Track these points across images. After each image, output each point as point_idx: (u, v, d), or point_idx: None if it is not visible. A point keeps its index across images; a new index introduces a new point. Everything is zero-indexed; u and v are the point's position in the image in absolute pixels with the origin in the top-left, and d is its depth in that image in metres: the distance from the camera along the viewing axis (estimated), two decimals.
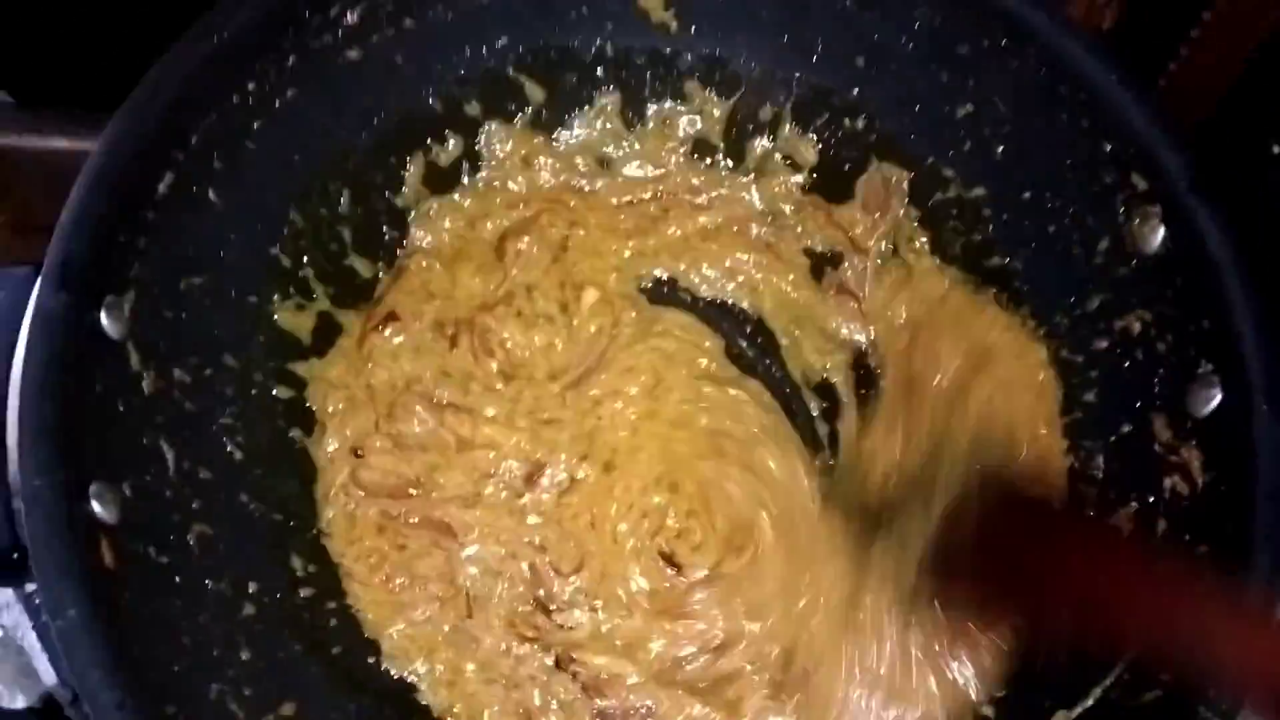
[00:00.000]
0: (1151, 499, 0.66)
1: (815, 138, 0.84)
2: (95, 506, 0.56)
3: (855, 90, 0.81)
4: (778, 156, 0.84)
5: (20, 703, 0.74)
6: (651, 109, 0.85)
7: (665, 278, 0.84)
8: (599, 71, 0.83)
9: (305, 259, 0.75)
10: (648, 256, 0.83)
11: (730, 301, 0.84)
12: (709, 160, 0.85)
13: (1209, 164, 0.66)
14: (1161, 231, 0.67)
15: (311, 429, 0.74)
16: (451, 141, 0.81)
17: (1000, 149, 0.76)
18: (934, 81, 0.77)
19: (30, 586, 0.74)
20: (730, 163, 0.85)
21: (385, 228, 0.80)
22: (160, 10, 0.70)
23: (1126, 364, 0.70)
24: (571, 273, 0.81)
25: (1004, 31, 0.72)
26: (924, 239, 0.82)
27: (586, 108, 0.84)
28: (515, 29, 0.80)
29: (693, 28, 0.82)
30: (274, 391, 0.73)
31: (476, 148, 0.82)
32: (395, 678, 0.70)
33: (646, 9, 0.80)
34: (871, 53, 0.79)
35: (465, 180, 0.82)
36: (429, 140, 0.81)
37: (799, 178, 0.84)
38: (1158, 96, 0.70)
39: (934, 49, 0.76)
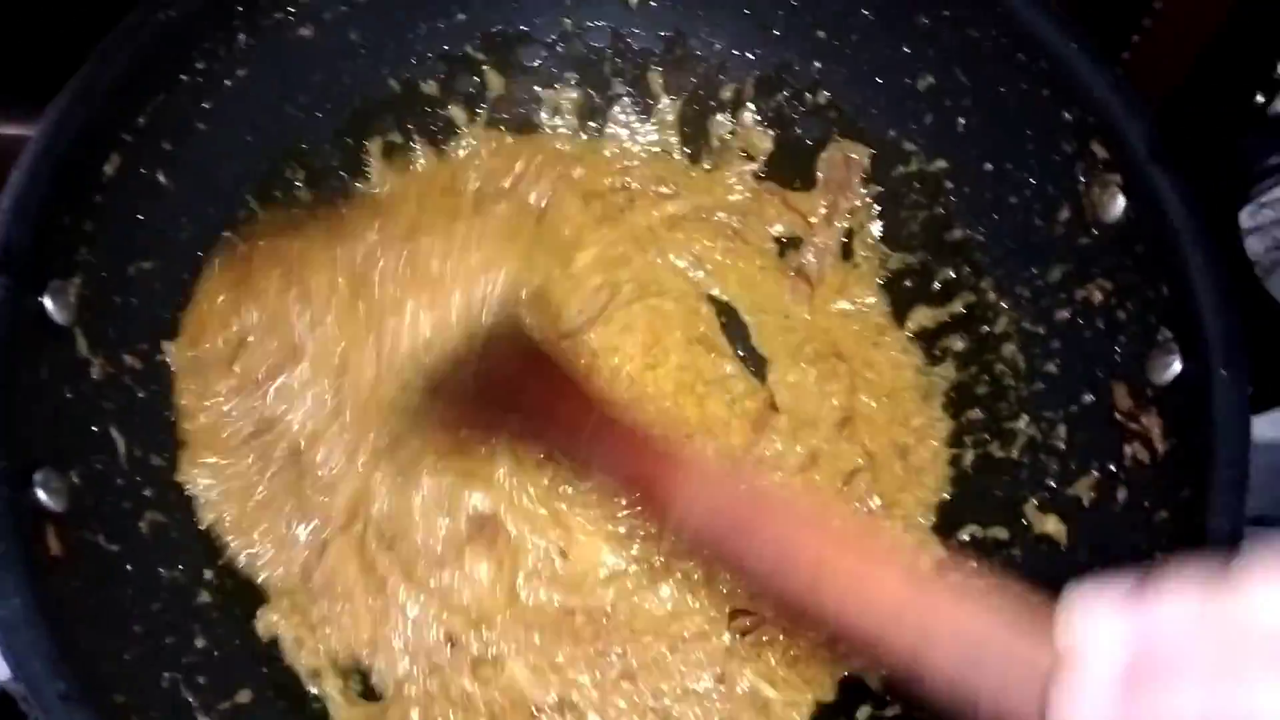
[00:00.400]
0: (1113, 467, 0.65)
1: (774, 118, 0.83)
2: (40, 494, 0.55)
3: (816, 64, 0.80)
4: (735, 145, 0.84)
5: None
6: (614, 96, 0.84)
7: None
8: (558, 50, 0.82)
9: None
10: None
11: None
12: (671, 150, 0.85)
13: (1169, 133, 0.65)
14: (1121, 200, 0.67)
15: None
16: (410, 123, 0.80)
17: (961, 121, 0.76)
18: (895, 53, 0.76)
19: None
20: (689, 151, 0.84)
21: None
22: None
23: (1088, 333, 0.69)
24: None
25: (963, 2, 0.71)
26: (878, 228, 0.81)
27: (550, 92, 0.83)
28: (473, 5, 0.79)
29: (651, 2, 0.81)
30: None
31: (435, 129, 0.81)
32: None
33: None
34: (832, 25, 0.78)
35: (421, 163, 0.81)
36: (387, 121, 0.80)
37: (752, 166, 0.84)
38: (1118, 65, 0.69)
39: (894, 20, 0.75)
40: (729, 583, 0.69)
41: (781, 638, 0.69)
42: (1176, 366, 0.62)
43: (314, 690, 0.67)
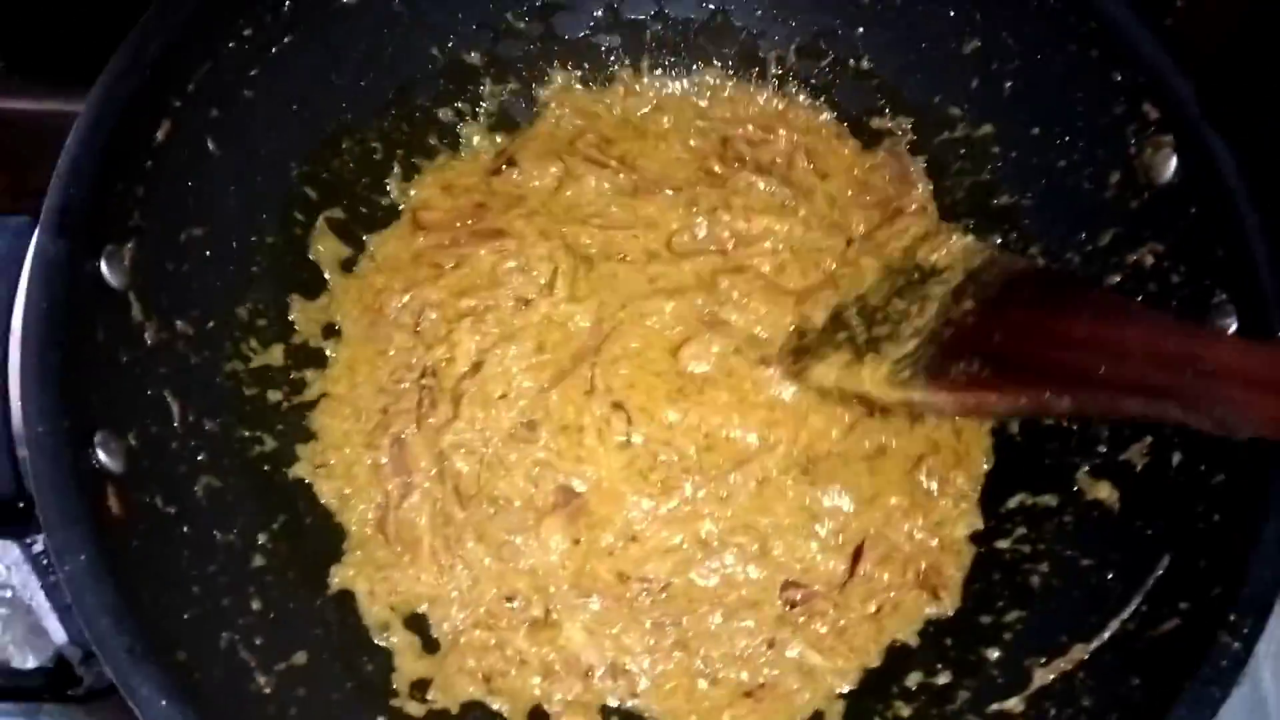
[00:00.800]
0: (1167, 431, 0.64)
1: (815, 86, 0.83)
2: (100, 455, 0.55)
3: (859, 29, 0.80)
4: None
5: (31, 662, 0.74)
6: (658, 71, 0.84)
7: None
8: (599, 14, 0.82)
9: (312, 210, 0.75)
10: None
11: None
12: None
13: (1219, 91, 0.65)
14: (1174, 161, 0.66)
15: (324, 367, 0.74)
16: (453, 91, 0.80)
17: (1008, 85, 0.75)
18: (940, 17, 0.76)
19: (38, 547, 0.74)
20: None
21: (389, 182, 0.79)
22: None
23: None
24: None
25: None
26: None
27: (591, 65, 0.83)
28: None
29: None
30: (287, 337, 0.72)
31: (480, 97, 0.81)
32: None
33: None
34: None
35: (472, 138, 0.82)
36: (430, 89, 0.80)
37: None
38: (1170, 25, 0.69)
39: None
40: (777, 557, 0.70)
41: (832, 610, 0.69)
42: (1233, 328, 0.62)
43: (382, 643, 0.68)
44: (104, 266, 0.59)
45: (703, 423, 0.71)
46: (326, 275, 0.75)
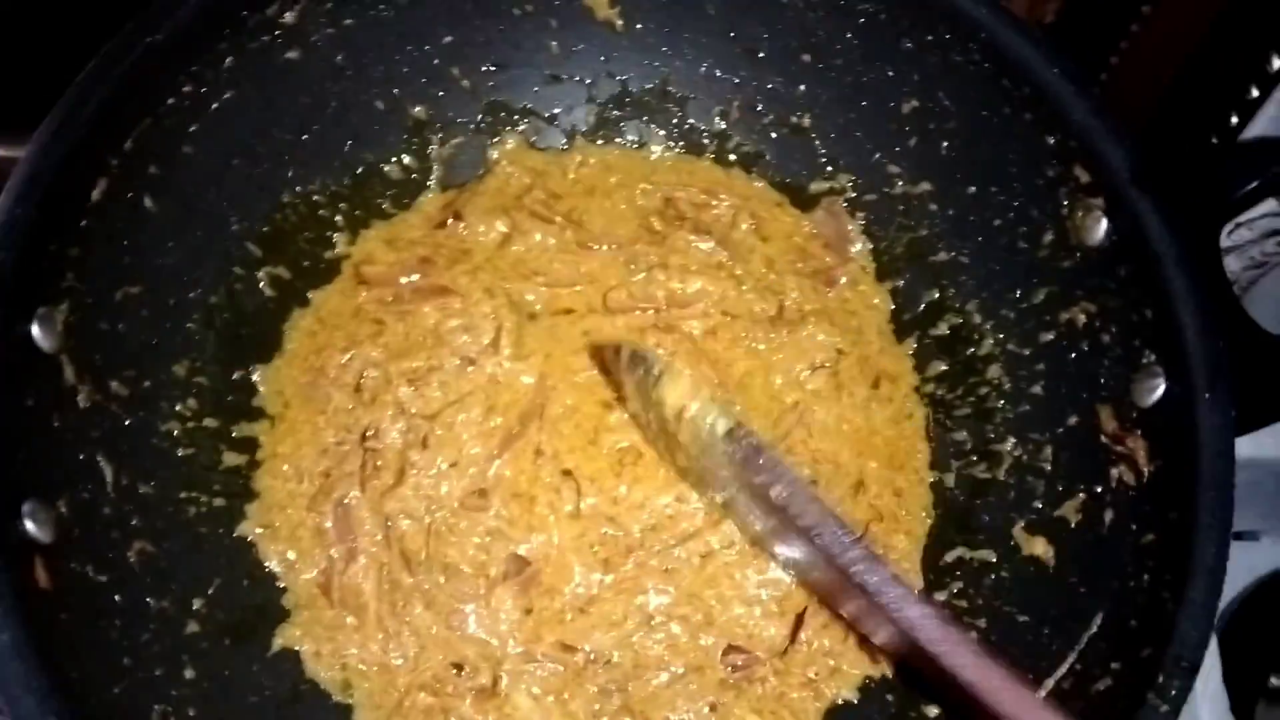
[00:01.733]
0: (1099, 489, 0.66)
1: (758, 140, 0.84)
2: (29, 525, 0.54)
3: (800, 87, 0.81)
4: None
5: None
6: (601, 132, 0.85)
7: None
8: (547, 79, 0.82)
9: (253, 265, 0.74)
10: None
11: None
12: None
13: (1150, 156, 0.67)
14: (1104, 224, 0.68)
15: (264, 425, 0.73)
16: (398, 145, 0.80)
17: (945, 144, 0.77)
18: (879, 77, 0.77)
19: None
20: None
21: (334, 236, 0.79)
22: (95, 16, 0.68)
23: (1072, 355, 0.70)
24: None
25: (948, 25, 0.72)
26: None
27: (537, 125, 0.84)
28: (459, 26, 0.79)
29: (637, 25, 0.81)
30: (227, 398, 0.71)
31: (428, 153, 0.81)
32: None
33: (591, 6, 0.80)
34: (816, 49, 0.79)
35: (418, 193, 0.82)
36: (375, 144, 0.79)
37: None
38: (1100, 90, 0.70)
39: (879, 44, 0.76)
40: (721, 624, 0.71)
41: (773, 676, 0.69)
42: (1161, 389, 0.63)
43: (344, 700, 0.68)
44: (35, 330, 0.58)
45: (646, 500, 0.72)
46: (267, 333, 0.75)
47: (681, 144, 0.85)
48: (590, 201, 0.81)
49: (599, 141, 0.85)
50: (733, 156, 0.84)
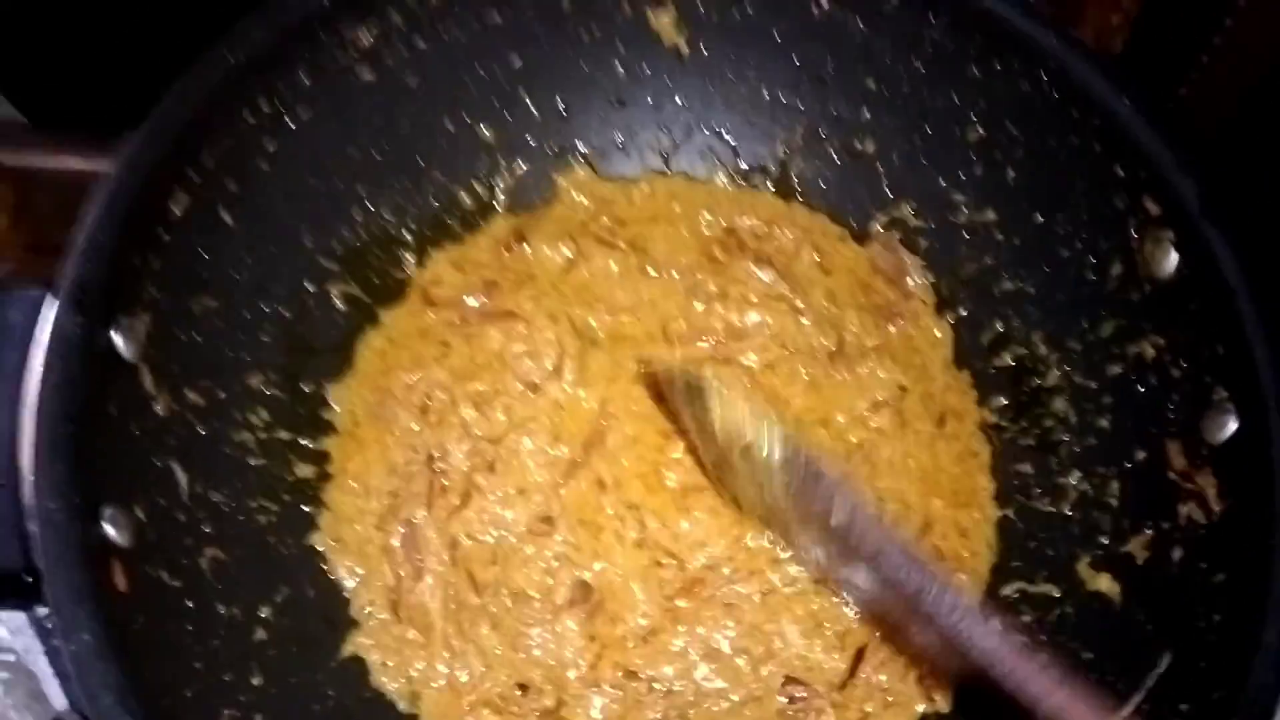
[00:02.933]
0: (1167, 526, 0.65)
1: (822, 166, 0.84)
2: (108, 529, 0.56)
3: (865, 113, 0.81)
4: None
5: None
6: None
7: None
8: (613, 102, 0.83)
9: (325, 283, 0.76)
10: None
11: None
12: None
13: (1221, 187, 0.66)
14: (1174, 256, 0.67)
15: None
16: (467, 168, 0.81)
17: (1011, 173, 0.76)
18: (945, 104, 0.77)
19: (42, 610, 0.74)
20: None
21: (405, 255, 0.80)
22: (175, 30, 0.70)
23: (1141, 389, 0.69)
24: None
25: (1015, 53, 0.72)
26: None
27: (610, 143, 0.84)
28: (527, 50, 0.80)
29: (703, 51, 0.82)
30: (299, 411, 0.73)
31: (496, 176, 0.82)
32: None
33: (658, 31, 0.81)
34: (881, 75, 0.79)
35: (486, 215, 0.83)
36: (445, 166, 0.81)
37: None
38: (1169, 120, 0.70)
39: (944, 71, 0.76)
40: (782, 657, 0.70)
41: (830, 708, 0.69)
42: (1232, 426, 0.62)
43: (408, 709, 0.68)
44: (117, 339, 0.60)
45: (708, 538, 0.72)
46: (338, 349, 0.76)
47: (745, 168, 0.85)
48: (654, 229, 0.82)
49: (663, 167, 0.85)
50: (795, 181, 0.84)
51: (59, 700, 0.72)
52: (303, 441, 0.73)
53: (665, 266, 0.79)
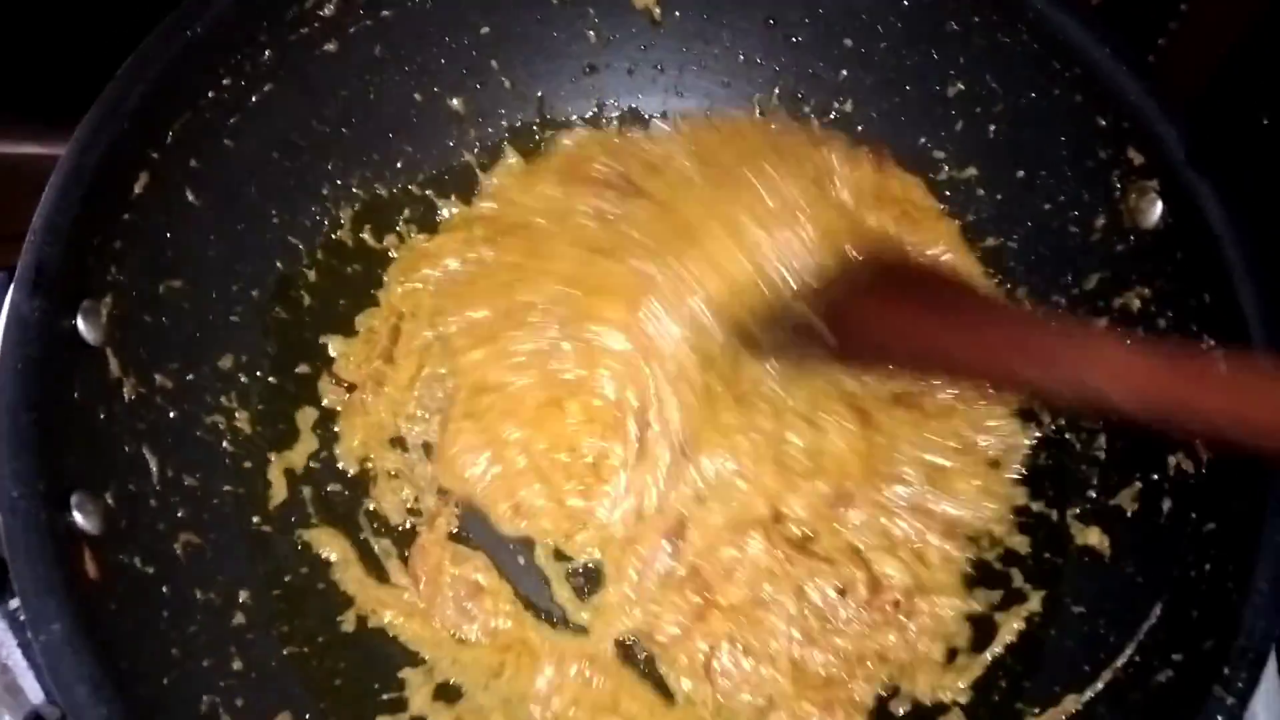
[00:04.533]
0: (1156, 477, 0.65)
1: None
2: (77, 517, 0.54)
3: (843, 72, 0.80)
4: None
5: None
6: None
7: None
8: (584, 69, 0.82)
9: (294, 256, 0.74)
10: None
11: None
12: None
13: (1204, 136, 0.65)
14: (1159, 206, 0.66)
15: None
16: (437, 139, 0.80)
17: (992, 128, 0.75)
18: (924, 60, 0.76)
19: (14, 602, 0.72)
20: None
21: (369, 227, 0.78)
22: (127, 9, 0.68)
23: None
24: None
25: (995, 6, 0.71)
26: None
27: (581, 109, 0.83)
28: (495, 16, 0.78)
29: (675, 12, 0.80)
30: (274, 392, 0.72)
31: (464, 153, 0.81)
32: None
33: None
34: (858, 33, 0.77)
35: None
36: (414, 138, 0.79)
37: None
38: (1151, 70, 0.69)
39: (923, 26, 0.75)
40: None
41: None
42: None
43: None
44: (80, 323, 0.58)
45: None
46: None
47: None
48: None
49: (637, 131, 0.84)
50: None
51: (35, 694, 0.71)
52: (277, 421, 0.71)
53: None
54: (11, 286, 0.56)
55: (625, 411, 0.71)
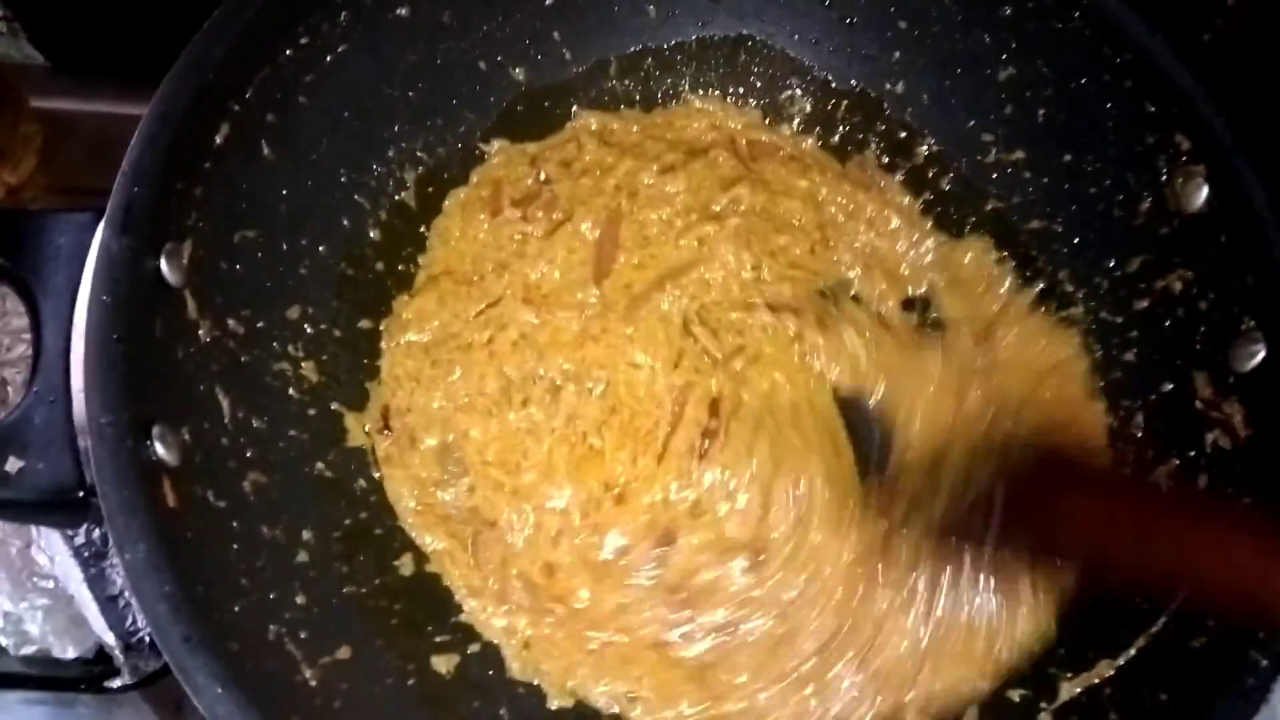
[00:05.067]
0: (1193, 454, 0.66)
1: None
2: (158, 448, 0.57)
3: (896, 54, 0.82)
4: None
5: (71, 653, 0.75)
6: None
7: None
8: (646, 42, 0.84)
9: (360, 214, 0.76)
10: None
11: None
12: None
13: (1252, 122, 0.66)
14: (1205, 190, 0.68)
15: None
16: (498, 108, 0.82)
17: (1041, 112, 0.77)
18: (976, 44, 0.78)
19: (80, 539, 0.75)
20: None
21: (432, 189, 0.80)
22: None
23: (1167, 323, 0.70)
24: None
25: None
26: None
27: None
28: None
29: None
30: (337, 335, 0.74)
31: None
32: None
33: None
34: (914, 15, 0.79)
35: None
36: (476, 105, 0.81)
37: None
38: (1202, 56, 0.70)
39: (977, 11, 0.76)
40: None
41: None
42: (1261, 354, 0.63)
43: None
44: (163, 264, 0.60)
45: None
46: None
47: (772, 111, 0.86)
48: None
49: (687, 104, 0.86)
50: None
51: (99, 626, 0.74)
52: (344, 373, 0.73)
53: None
54: (101, 224, 0.59)
55: None
